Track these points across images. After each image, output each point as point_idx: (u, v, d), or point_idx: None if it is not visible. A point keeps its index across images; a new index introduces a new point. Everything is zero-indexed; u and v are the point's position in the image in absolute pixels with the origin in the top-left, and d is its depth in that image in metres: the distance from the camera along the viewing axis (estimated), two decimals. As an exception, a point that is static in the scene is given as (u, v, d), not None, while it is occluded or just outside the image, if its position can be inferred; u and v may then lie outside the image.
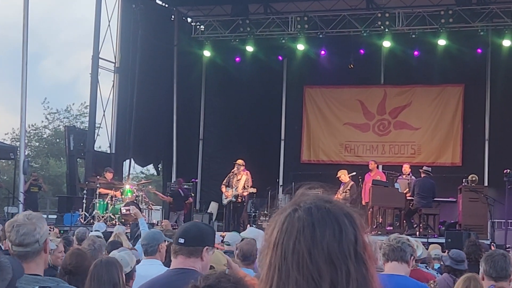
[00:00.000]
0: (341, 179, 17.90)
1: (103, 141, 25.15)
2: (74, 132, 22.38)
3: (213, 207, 21.79)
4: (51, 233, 11.77)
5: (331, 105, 23.48)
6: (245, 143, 22.66)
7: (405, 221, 17.52)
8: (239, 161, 18.51)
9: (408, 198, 17.36)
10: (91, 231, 11.53)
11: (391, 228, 17.49)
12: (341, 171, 18.20)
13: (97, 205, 18.48)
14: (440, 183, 17.70)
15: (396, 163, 21.14)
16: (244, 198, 18.46)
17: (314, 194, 1.72)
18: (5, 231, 3.48)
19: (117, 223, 16.68)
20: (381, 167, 20.86)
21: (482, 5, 20.14)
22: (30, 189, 20.61)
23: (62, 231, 15.65)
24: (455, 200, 17.63)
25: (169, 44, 23.45)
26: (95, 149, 22.54)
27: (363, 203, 18.08)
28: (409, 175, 18.18)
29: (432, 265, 9.21)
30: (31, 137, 44.65)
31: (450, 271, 7.49)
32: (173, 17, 23.80)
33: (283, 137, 24.16)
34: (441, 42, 20.63)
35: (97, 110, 21.46)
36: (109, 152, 22.49)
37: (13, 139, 41.50)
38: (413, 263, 5.16)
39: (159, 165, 24.87)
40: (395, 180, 18.32)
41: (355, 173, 18.47)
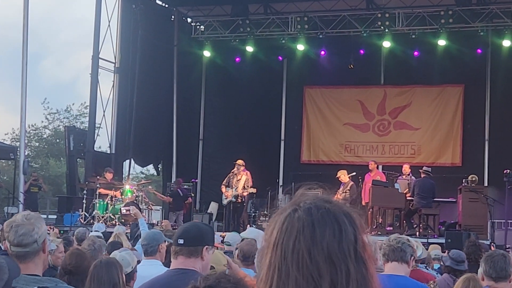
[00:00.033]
0: (340, 179, 17.89)
1: (103, 141, 25.19)
2: (74, 132, 22.39)
3: (213, 207, 21.78)
4: (51, 233, 11.78)
5: (331, 105, 23.48)
6: (245, 143, 22.65)
7: (405, 222, 17.51)
8: (239, 161, 18.50)
9: (408, 198, 17.35)
10: (91, 231, 11.52)
11: (391, 228, 17.49)
12: (340, 171, 18.19)
13: (97, 205, 18.48)
14: (440, 183, 17.70)
15: (396, 163, 21.13)
16: (244, 198, 18.45)
17: (313, 194, 1.72)
18: (3, 231, 3.47)
19: (117, 223, 16.69)
20: (381, 167, 20.88)
21: (482, 5, 20.14)
22: (30, 189, 20.62)
23: (62, 231, 15.65)
24: (455, 200, 17.62)
25: (169, 44, 23.44)
26: (95, 149, 22.53)
27: (363, 204, 18.07)
28: (409, 175, 18.18)
29: (431, 266, 9.21)
30: (31, 137, 44.64)
31: (450, 272, 7.49)
32: (173, 17, 23.80)
33: (283, 137, 24.16)
34: (441, 42, 20.63)
35: (97, 110, 21.47)
36: (109, 152, 22.47)
37: (13, 139, 41.50)
38: (413, 264, 5.15)
39: (159, 165, 24.88)
40: (395, 180, 18.31)
41: (355, 173, 18.47)
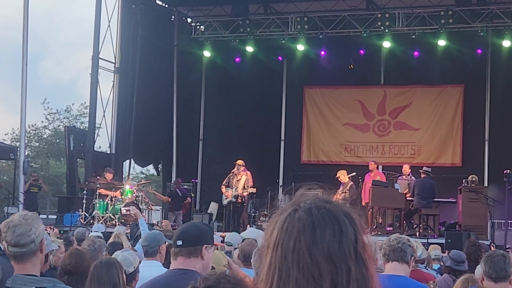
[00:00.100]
0: (340, 180, 17.89)
1: (103, 141, 25.19)
2: (74, 132, 22.38)
3: (213, 207, 21.77)
4: (51, 234, 11.77)
5: (331, 106, 23.47)
6: (245, 143, 22.65)
7: (405, 222, 17.50)
8: (239, 161, 18.50)
9: (408, 198, 17.34)
10: (91, 231, 11.50)
11: (391, 228, 17.48)
12: (340, 172, 18.19)
13: (97, 205, 18.47)
14: (440, 183, 17.69)
15: (396, 163, 21.12)
16: (244, 198, 18.45)
17: (313, 194, 1.72)
18: (1, 231, 3.45)
19: (117, 224, 16.70)
20: (381, 168, 20.87)
21: (482, 6, 20.13)
22: (30, 189, 20.62)
23: (62, 232, 15.66)
24: (455, 200, 17.61)
25: (169, 44, 23.44)
26: (95, 149, 22.52)
27: (363, 204, 18.07)
28: (409, 175, 18.17)
29: (431, 266, 9.20)
30: (31, 137, 44.64)
31: (450, 272, 7.49)
32: (173, 17, 23.80)
33: (283, 137, 24.15)
34: (441, 42, 20.62)
35: (97, 110, 21.45)
36: (109, 152, 22.46)
37: (13, 139, 41.50)
38: (413, 264, 5.15)
39: (159, 165, 24.87)
40: (395, 180, 18.31)
41: (355, 174, 18.46)
